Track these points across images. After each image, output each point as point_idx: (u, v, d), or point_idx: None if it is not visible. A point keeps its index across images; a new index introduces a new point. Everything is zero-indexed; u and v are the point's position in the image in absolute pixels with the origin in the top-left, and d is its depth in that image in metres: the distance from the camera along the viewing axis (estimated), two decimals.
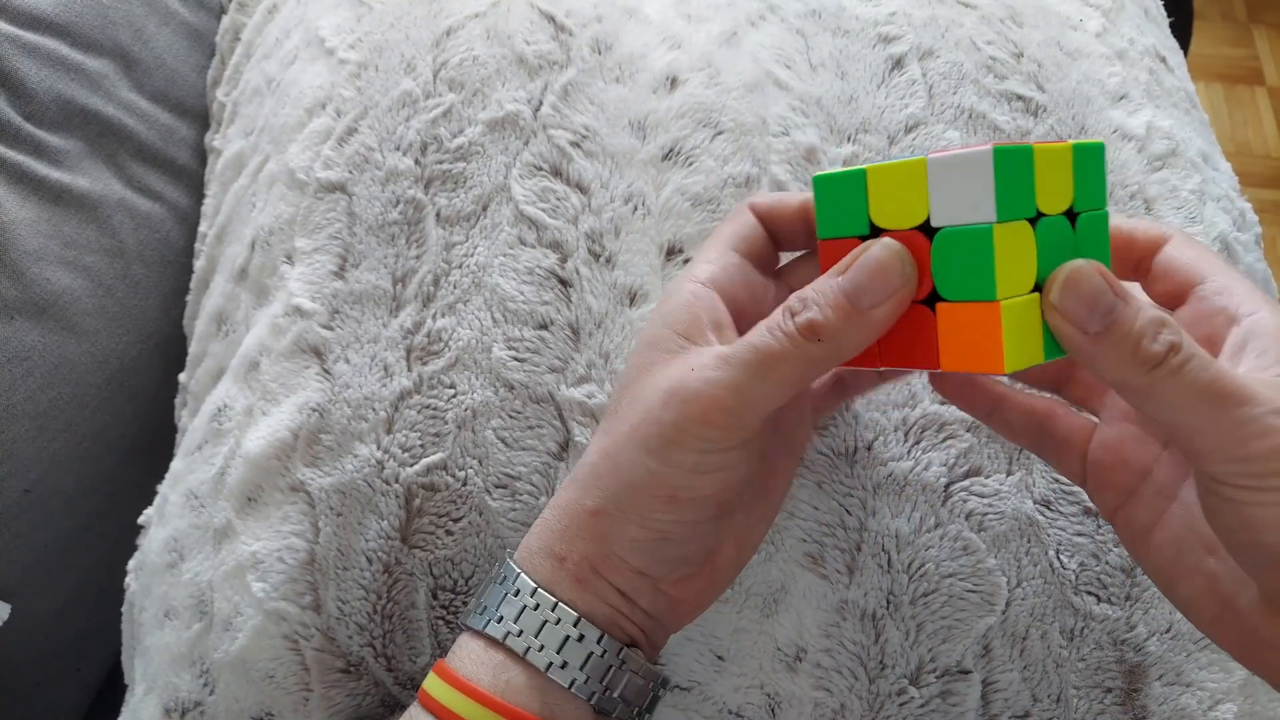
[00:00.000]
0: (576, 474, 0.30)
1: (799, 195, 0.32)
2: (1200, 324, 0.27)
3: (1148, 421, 0.30)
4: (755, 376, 0.27)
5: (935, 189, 0.25)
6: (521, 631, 0.28)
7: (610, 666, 0.29)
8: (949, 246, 0.25)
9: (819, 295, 0.27)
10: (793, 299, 0.27)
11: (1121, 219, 0.30)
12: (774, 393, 0.27)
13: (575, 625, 0.28)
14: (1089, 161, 0.27)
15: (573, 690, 0.28)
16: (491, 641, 0.29)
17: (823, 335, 0.26)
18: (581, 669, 0.28)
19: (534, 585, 0.29)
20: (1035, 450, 0.32)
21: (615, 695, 0.29)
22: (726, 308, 0.30)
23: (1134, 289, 0.30)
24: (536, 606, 0.29)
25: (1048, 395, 0.33)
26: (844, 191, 0.27)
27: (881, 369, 0.29)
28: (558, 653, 0.28)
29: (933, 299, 0.26)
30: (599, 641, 0.29)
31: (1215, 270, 0.28)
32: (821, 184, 0.28)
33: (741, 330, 0.29)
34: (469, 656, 0.29)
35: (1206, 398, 0.24)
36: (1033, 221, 0.25)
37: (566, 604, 0.29)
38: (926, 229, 0.26)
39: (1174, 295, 0.29)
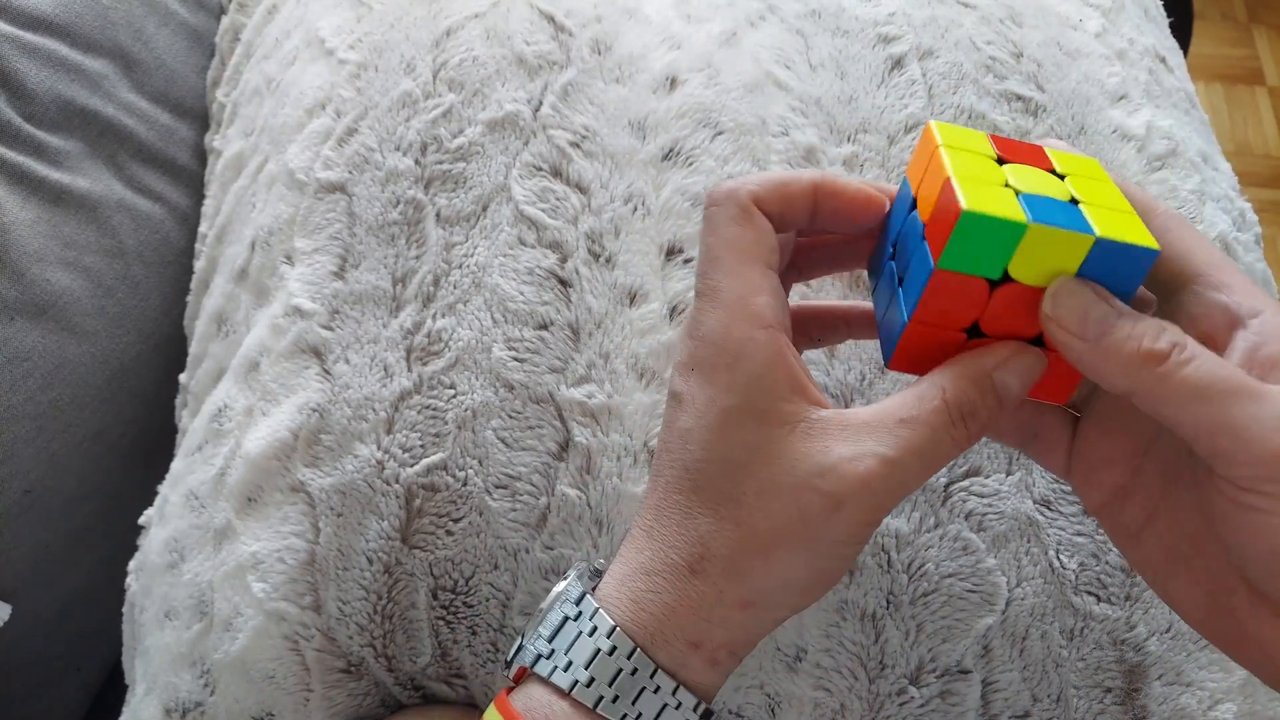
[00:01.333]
0: (702, 563, 0.27)
1: (802, 177, 0.29)
2: (1197, 322, 0.26)
3: (1135, 423, 0.29)
4: (922, 472, 0.26)
5: (1090, 265, 0.26)
6: (640, 715, 0.27)
7: None
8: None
9: (983, 403, 0.27)
10: (960, 400, 0.26)
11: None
12: (929, 478, 0.27)
13: (695, 710, 0.27)
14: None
15: None
16: (595, 717, 0.27)
17: (982, 435, 0.27)
18: None
19: (655, 666, 0.27)
20: (1023, 448, 0.32)
21: None
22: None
23: None
24: (657, 690, 0.27)
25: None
26: (993, 237, 0.26)
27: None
28: None
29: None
30: (695, 709, 0.28)
31: (1211, 263, 0.26)
32: (972, 222, 0.26)
33: None
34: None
35: (1216, 394, 0.23)
36: None
37: (690, 687, 0.27)
38: None
39: (1171, 280, 0.27)
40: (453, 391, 0.39)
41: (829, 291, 0.41)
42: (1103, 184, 0.28)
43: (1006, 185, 0.27)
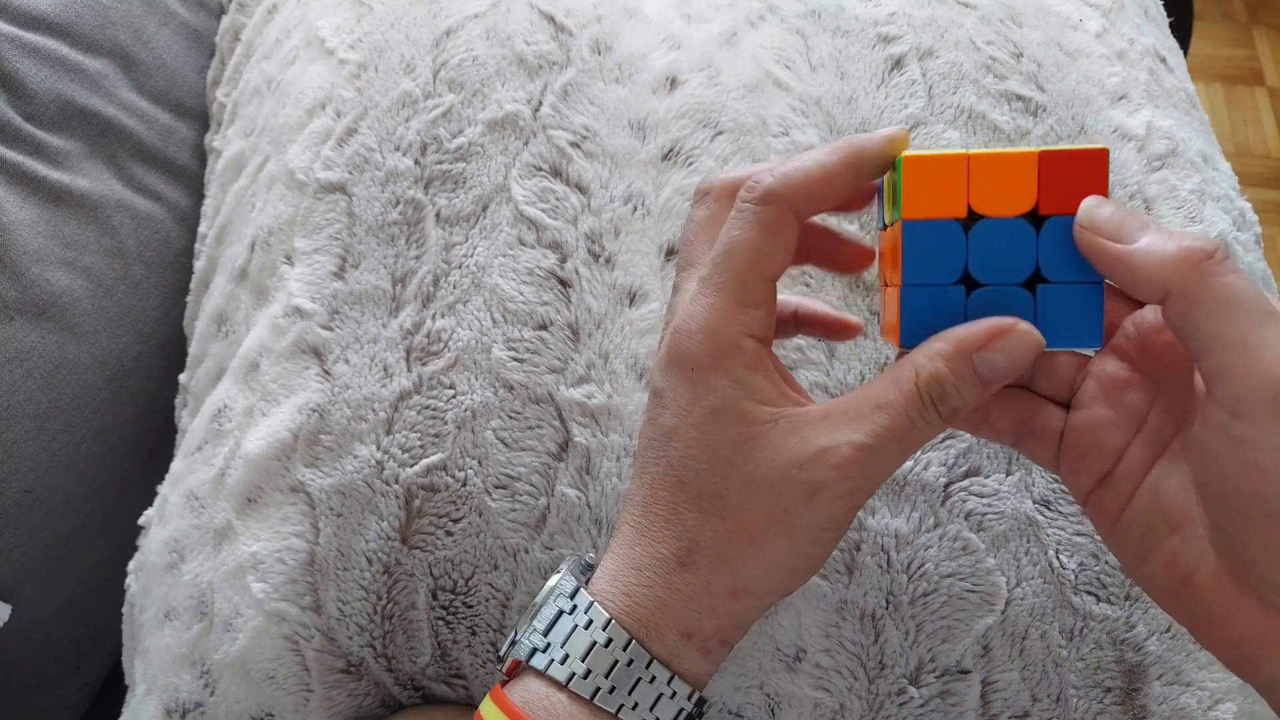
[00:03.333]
0: (690, 556, 0.28)
1: (840, 166, 0.28)
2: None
3: (1127, 401, 0.29)
4: (899, 456, 0.27)
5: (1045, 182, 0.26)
6: (636, 705, 0.27)
7: (692, 715, 0.29)
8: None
9: (958, 385, 0.27)
10: (930, 384, 0.26)
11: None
12: (907, 460, 0.28)
13: (690, 698, 0.28)
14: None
15: None
16: (596, 710, 0.28)
17: (959, 416, 0.27)
18: None
19: (649, 657, 0.28)
20: (1015, 446, 0.32)
21: None
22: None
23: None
24: (652, 680, 0.28)
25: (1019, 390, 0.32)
26: (939, 175, 0.27)
27: None
28: (651, 710, 0.28)
29: (1033, 281, 0.27)
30: (689, 698, 0.28)
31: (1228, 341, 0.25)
32: (912, 166, 0.27)
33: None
34: (560, 715, 0.28)
35: (1251, 308, 0.23)
36: None
37: (684, 676, 0.28)
38: (1034, 216, 0.27)
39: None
40: (452, 392, 0.39)
41: (829, 291, 0.41)
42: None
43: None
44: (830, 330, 0.34)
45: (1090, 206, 0.26)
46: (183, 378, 0.51)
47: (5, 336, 0.50)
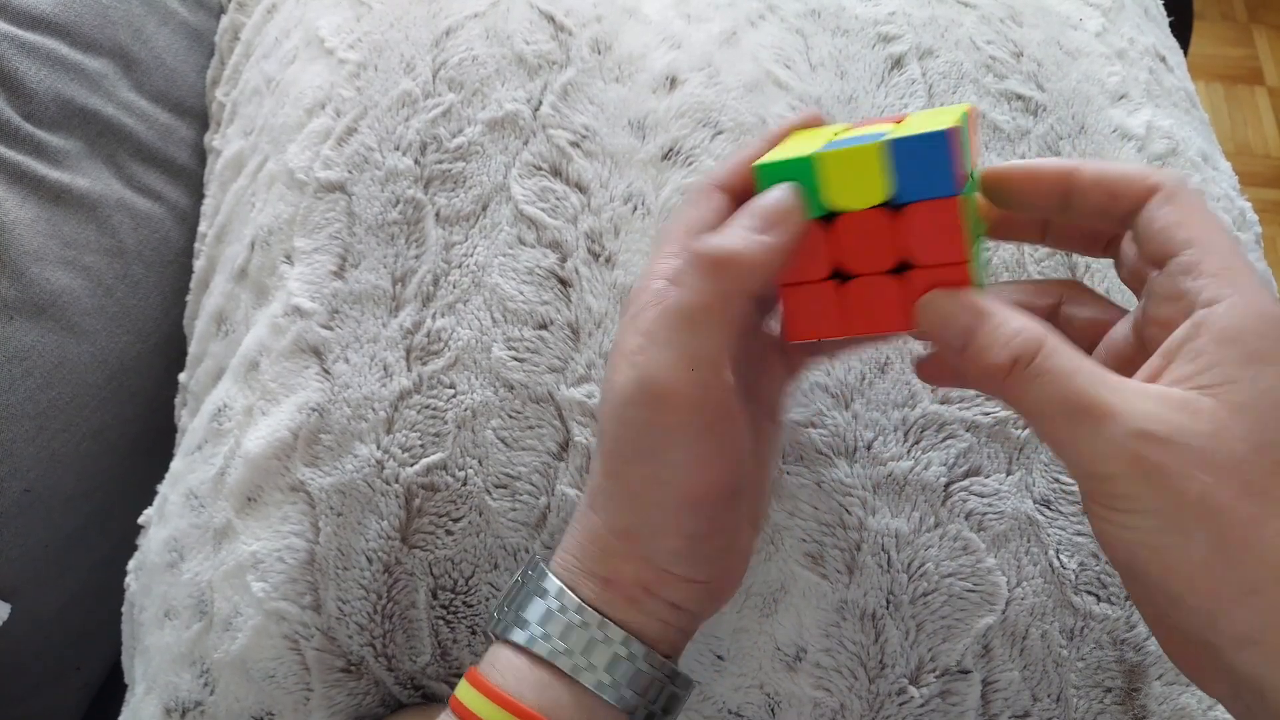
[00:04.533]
0: (591, 498, 0.30)
1: (746, 153, 0.30)
2: (1165, 305, 0.25)
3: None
4: (687, 336, 0.27)
5: (898, 169, 0.26)
6: (569, 650, 0.28)
7: (654, 679, 0.29)
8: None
9: (726, 233, 0.28)
10: (697, 245, 0.28)
11: (1101, 167, 0.28)
12: (710, 344, 0.27)
13: (624, 644, 0.28)
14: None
15: (620, 708, 0.28)
16: (534, 658, 0.29)
17: (732, 269, 0.27)
18: (629, 685, 0.28)
19: (579, 602, 0.29)
20: (1100, 253, 0.32)
21: (658, 709, 0.29)
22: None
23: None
24: (584, 624, 0.28)
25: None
26: (790, 177, 0.27)
27: (851, 338, 0.30)
28: (606, 671, 0.28)
29: (900, 269, 0.28)
30: (645, 658, 0.29)
31: (1193, 240, 0.25)
32: (766, 173, 0.28)
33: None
34: (511, 672, 0.29)
35: (1059, 411, 0.23)
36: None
37: (617, 623, 0.29)
38: (891, 205, 0.27)
39: (1153, 260, 0.26)
40: (452, 391, 0.39)
41: None
42: (945, 116, 0.27)
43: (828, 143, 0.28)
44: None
45: (923, 311, 0.27)
46: (182, 377, 0.51)
47: (5, 336, 0.50)
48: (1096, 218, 0.28)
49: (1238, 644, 0.22)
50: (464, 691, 0.29)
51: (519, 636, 0.29)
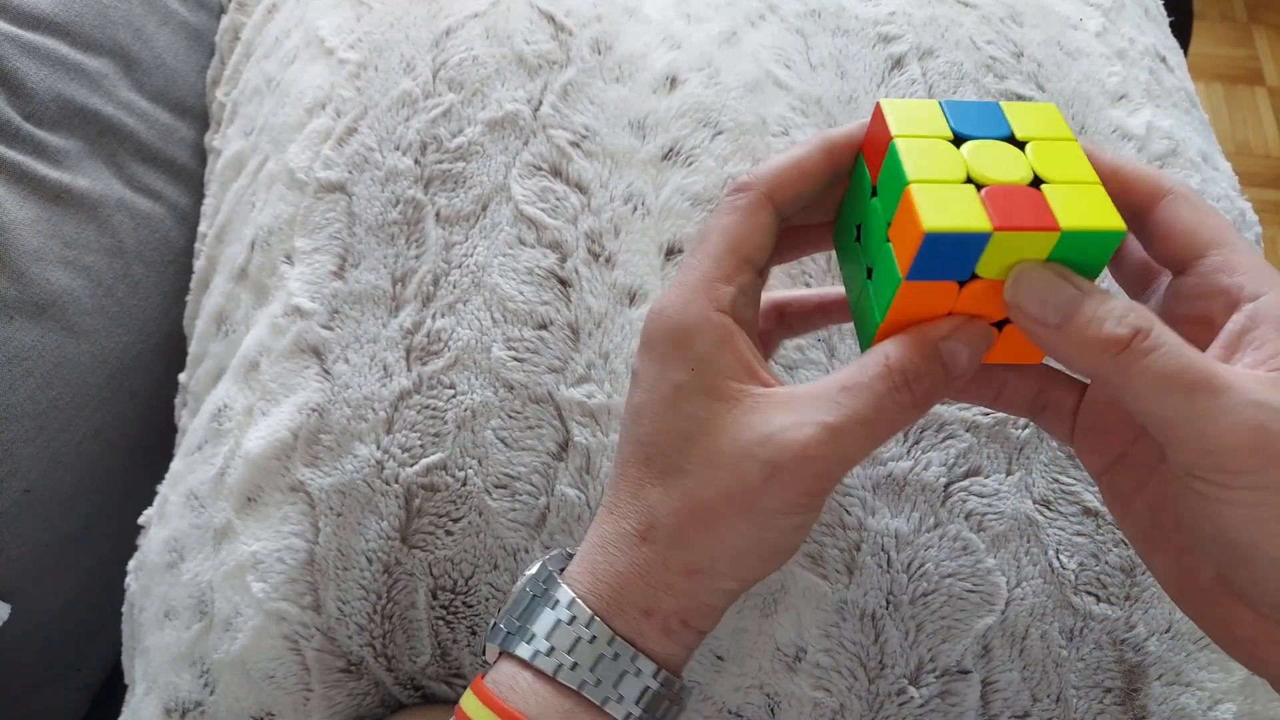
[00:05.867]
0: (648, 531, 0.28)
1: (813, 149, 0.29)
2: (1199, 303, 0.26)
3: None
4: (865, 441, 0.26)
5: (1056, 255, 0.26)
6: (599, 682, 0.27)
7: (668, 703, 0.29)
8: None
9: (927, 369, 0.26)
10: (903, 364, 0.26)
11: (1119, 159, 0.28)
12: (873, 450, 0.27)
13: (655, 676, 0.28)
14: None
15: None
16: (559, 686, 0.28)
17: (930, 402, 0.27)
18: (646, 709, 0.28)
19: (611, 633, 0.28)
20: (1031, 417, 0.32)
21: None
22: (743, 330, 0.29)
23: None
24: (615, 656, 0.27)
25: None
26: (958, 248, 0.26)
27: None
28: (636, 704, 0.28)
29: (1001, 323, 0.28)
30: (664, 683, 0.28)
31: (1220, 241, 0.26)
32: (936, 240, 0.25)
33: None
34: (533, 697, 0.28)
35: (1176, 385, 0.23)
36: None
37: (649, 655, 0.28)
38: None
39: (1175, 261, 0.27)
40: (452, 391, 0.39)
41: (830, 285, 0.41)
42: (1063, 145, 0.27)
43: (966, 180, 0.26)
44: (826, 312, 0.34)
45: (1016, 282, 0.25)
46: (182, 377, 0.51)
47: (5, 336, 0.50)
48: None
49: None
50: (470, 704, 0.28)
51: (546, 665, 0.28)
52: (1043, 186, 0.26)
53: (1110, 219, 0.25)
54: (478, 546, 0.38)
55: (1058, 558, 0.38)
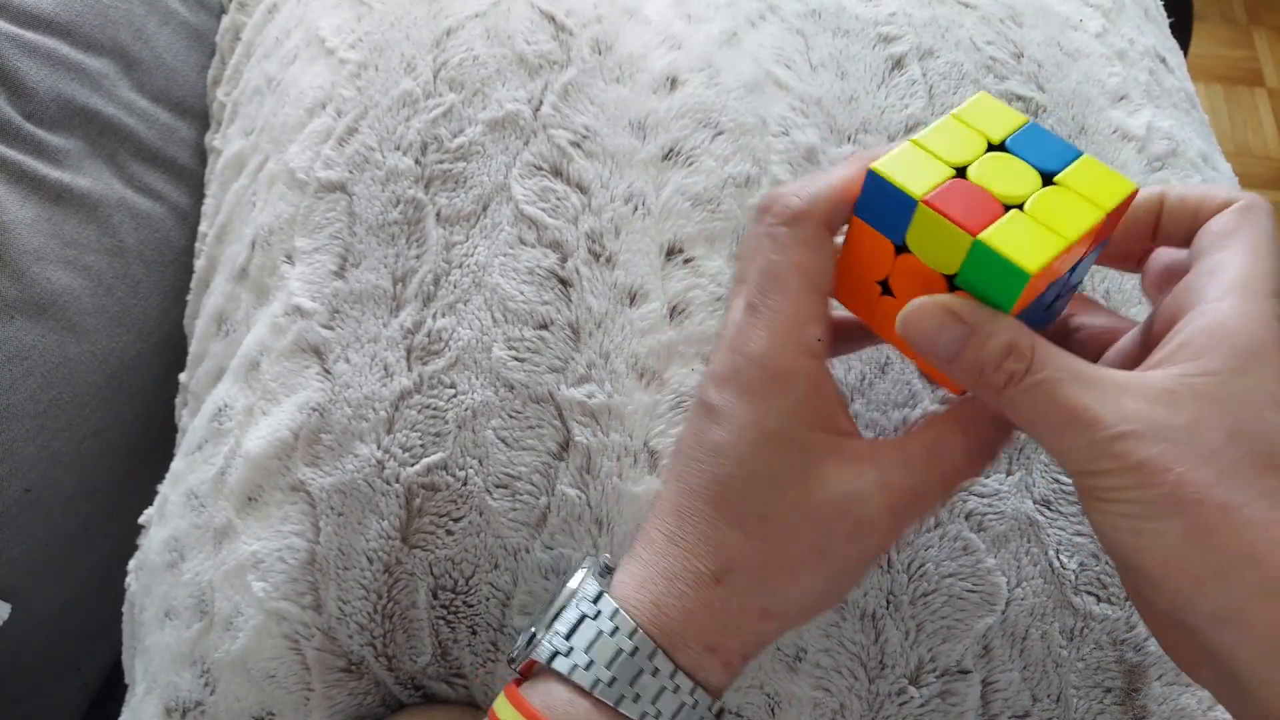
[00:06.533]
0: (726, 575, 0.28)
1: (848, 174, 0.29)
2: (1180, 298, 0.26)
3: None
4: (943, 499, 0.29)
5: (969, 267, 0.26)
6: (659, 714, 0.28)
7: None
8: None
9: (1000, 440, 0.29)
10: (981, 439, 0.29)
11: (1187, 187, 0.29)
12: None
13: (710, 709, 0.28)
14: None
15: None
16: (615, 715, 0.28)
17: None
18: None
19: (674, 667, 0.28)
20: None
21: None
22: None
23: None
24: (676, 689, 0.28)
25: None
26: (890, 200, 0.27)
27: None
28: None
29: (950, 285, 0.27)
30: (713, 711, 0.29)
31: (1231, 246, 0.26)
32: (874, 179, 0.27)
33: None
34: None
35: (1054, 420, 0.25)
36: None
37: (706, 688, 0.28)
38: (949, 280, 0.27)
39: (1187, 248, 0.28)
40: (453, 391, 0.39)
41: None
42: (1086, 206, 0.26)
43: (959, 171, 0.26)
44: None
45: (907, 316, 0.26)
46: (183, 377, 0.51)
47: (5, 335, 0.50)
48: (1183, 240, 0.28)
49: (1212, 624, 0.23)
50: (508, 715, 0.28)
51: (608, 695, 0.27)
52: (1012, 210, 0.26)
53: (1030, 259, 0.25)
54: (478, 546, 0.38)
55: (1058, 558, 0.38)
